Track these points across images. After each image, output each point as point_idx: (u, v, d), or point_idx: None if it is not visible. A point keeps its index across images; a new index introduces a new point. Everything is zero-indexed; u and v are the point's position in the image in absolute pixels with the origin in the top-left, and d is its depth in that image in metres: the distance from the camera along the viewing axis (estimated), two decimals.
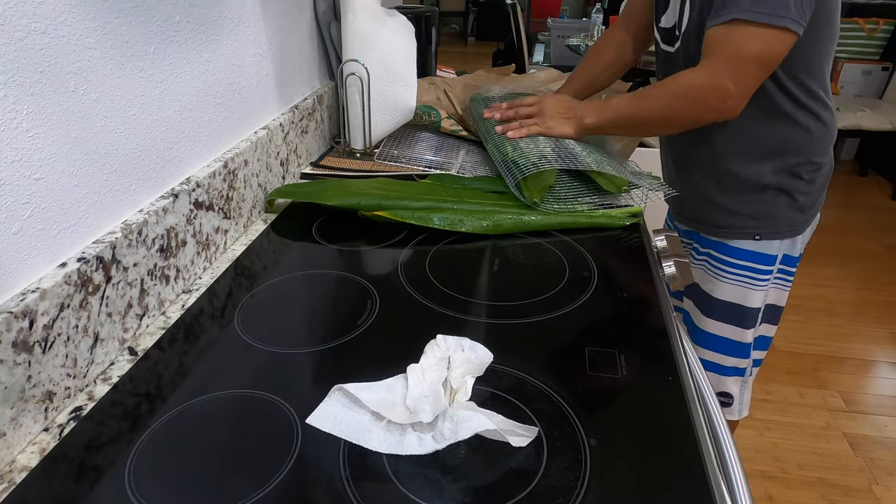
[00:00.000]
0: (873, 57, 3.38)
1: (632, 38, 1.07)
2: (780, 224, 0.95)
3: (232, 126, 0.81)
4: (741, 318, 1.00)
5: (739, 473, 0.50)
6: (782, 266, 0.98)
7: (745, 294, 0.98)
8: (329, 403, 0.51)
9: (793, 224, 0.95)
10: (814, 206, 0.96)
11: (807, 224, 0.97)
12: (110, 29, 0.56)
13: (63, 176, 0.52)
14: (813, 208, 0.96)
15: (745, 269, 0.97)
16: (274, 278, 0.71)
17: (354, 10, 0.96)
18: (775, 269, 0.98)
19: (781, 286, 1.01)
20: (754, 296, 0.98)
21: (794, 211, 0.94)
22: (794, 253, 0.97)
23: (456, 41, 7.16)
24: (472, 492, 0.44)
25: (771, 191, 0.93)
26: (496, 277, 0.72)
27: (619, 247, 0.80)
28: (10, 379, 0.45)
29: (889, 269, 2.48)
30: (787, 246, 0.96)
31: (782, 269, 0.99)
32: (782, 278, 1.00)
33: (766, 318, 1.03)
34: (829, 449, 1.60)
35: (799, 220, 0.95)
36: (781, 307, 1.04)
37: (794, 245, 0.97)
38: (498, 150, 0.95)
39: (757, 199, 0.93)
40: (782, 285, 1.01)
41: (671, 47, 0.94)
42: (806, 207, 0.94)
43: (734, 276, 0.98)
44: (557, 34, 3.13)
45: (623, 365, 0.57)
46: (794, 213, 0.94)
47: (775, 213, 0.94)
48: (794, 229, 0.95)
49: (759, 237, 0.95)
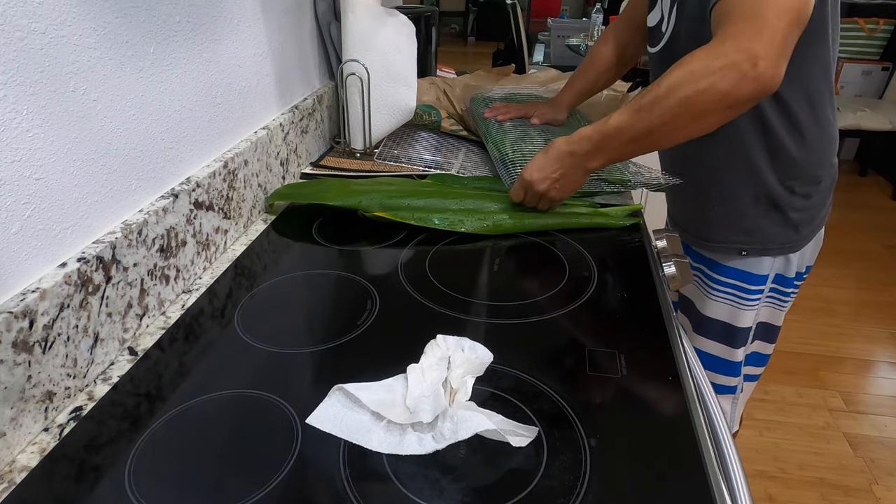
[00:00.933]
0: (873, 57, 3.38)
1: (632, 37, 1.03)
2: (770, 241, 0.87)
3: (232, 126, 0.81)
4: (731, 338, 0.96)
5: (739, 473, 0.50)
6: (775, 285, 0.92)
7: (735, 313, 0.93)
8: (329, 403, 0.51)
9: (784, 242, 0.88)
10: (811, 223, 0.88)
11: (802, 243, 0.89)
12: (110, 29, 0.56)
13: (63, 176, 0.52)
14: (810, 226, 0.88)
15: (733, 287, 0.92)
16: (274, 278, 0.71)
17: (354, 10, 0.96)
18: (766, 289, 0.92)
19: (776, 306, 0.95)
20: (744, 315, 0.93)
21: (786, 228, 0.86)
22: (788, 273, 0.91)
23: (456, 41, 7.15)
24: (472, 492, 0.44)
25: (761, 205, 0.86)
26: (496, 277, 0.72)
27: (619, 247, 0.80)
28: (10, 379, 0.45)
29: (889, 269, 2.48)
30: (779, 265, 0.89)
31: (776, 289, 0.93)
32: (776, 298, 0.94)
33: (760, 336, 0.99)
34: (829, 449, 1.60)
35: (792, 238, 0.88)
36: (777, 326, 0.99)
37: (789, 265, 0.90)
38: (497, 148, 0.95)
39: (745, 213, 0.87)
40: (777, 305, 0.95)
41: (654, 48, 0.88)
42: (801, 225, 0.87)
43: (723, 295, 0.93)
44: (557, 34, 3.13)
45: (623, 365, 0.57)
46: (785, 230, 0.87)
47: (764, 229, 0.87)
48: (786, 247, 0.88)
49: (746, 253, 0.88)
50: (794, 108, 0.79)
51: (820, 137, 0.82)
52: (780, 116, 0.79)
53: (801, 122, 0.80)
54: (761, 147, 0.82)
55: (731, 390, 1.02)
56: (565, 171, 0.78)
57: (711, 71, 0.62)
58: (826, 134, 0.83)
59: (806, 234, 0.89)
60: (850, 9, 3.37)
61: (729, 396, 1.03)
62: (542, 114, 1.05)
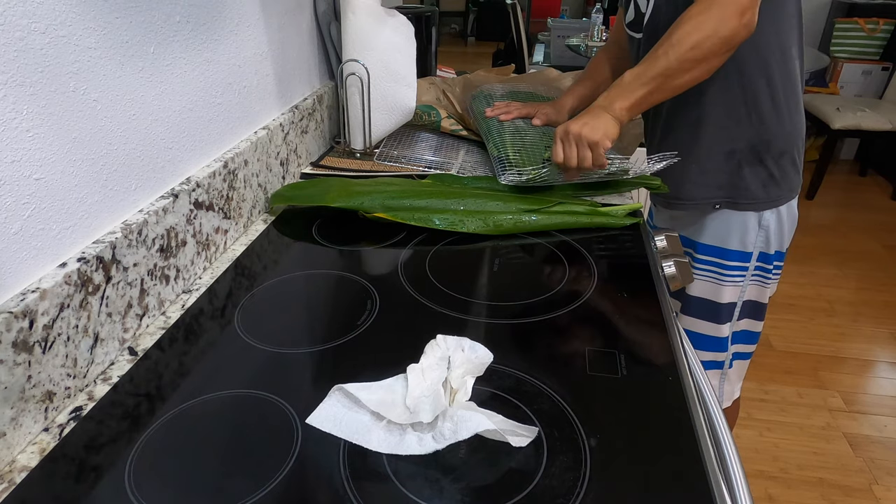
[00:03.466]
0: (873, 57, 3.38)
1: (622, 53, 1.07)
2: (740, 196, 0.94)
3: (232, 126, 0.81)
4: (715, 314, 1.01)
5: (739, 473, 0.50)
6: (760, 263, 0.98)
7: (716, 290, 0.99)
8: (329, 403, 0.51)
9: (753, 198, 0.94)
10: (781, 183, 0.94)
11: (771, 204, 0.94)
12: (110, 29, 0.56)
13: (63, 176, 0.52)
14: (780, 187, 0.94)
15: (711, 264, 0.98)
16: (274, 278, 0.72)
17: (354, 10, 0.96)
18: (752, 267, 0.97)
19: (761, 283, 1.00)
20: (725, 291, 0.99)
21: (758, 185, 0.93)
22: (769, 250, 0.97)
23: (456, 41, 7.15)
24: (472, 492, 0.44)
25: (734, 161, 0.92)
26: (496, 277, 0.72)
27: (619, 247, 0.80)
28: (10, 379, 0.45)
29: (889, 269, 2.48)
30: (761, 242, 0.96)
31: (761, 267, 0.98)
32: (760, 276, 0.99)
33: (747, 314, 1.04)
34: (829, 449, 1.60)
35: (760, 196, 0.93)
36: (764, 304, 1.03)
37: (769, 241, 0.96)
38: (498, 149, 0.95)
39: (720, 169, 0.93)
40: (761, 282, 1.00)
41: (639, 32, 0.95)
42: (769, 185, 0.93)
43: (702, 272, 0.99)
44: (557, 34, 3.13)
45: (623, 365, 0.57)
46: (757, 186, 0.93)
47: (736, 184, 0.93)
48: (755, 204, 0.94)
49: (719, 207, 0.95)
50: (769, 58, 0.86)
51: (792, 93, 0.89)
52: (758, 67, 0.86)
53: (774, 73, 0.87)
54: (741, 101, 0.89)
55: (718, 365, 1.06)
56: (593, 116, 0.85)
57: (713, 21, 0.76)
58: (796, 90, 0.90)
59: (776, 196, 0.94)
60: (850, 9, 3.38)
61: (717, 372, 1.07)
62: (544, 114, 1.06)
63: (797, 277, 2.39)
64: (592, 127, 0.82)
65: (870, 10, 3.34)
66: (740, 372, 1.11)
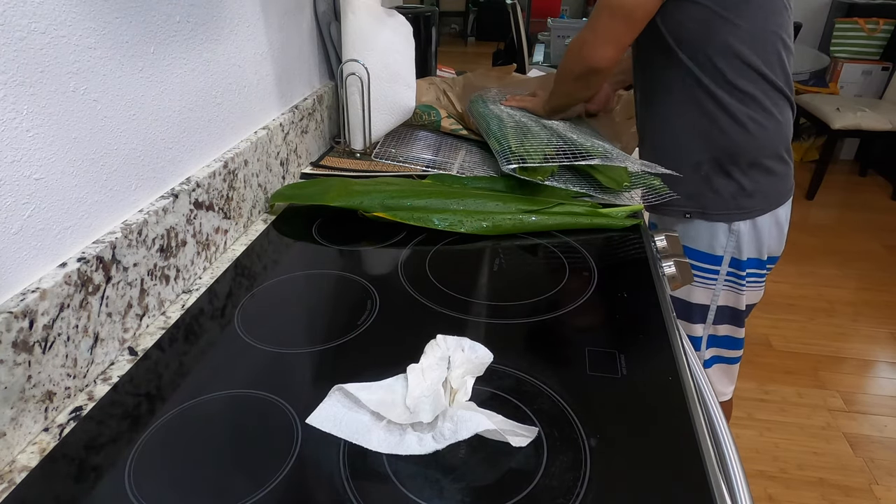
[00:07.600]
0: (873, 57, 3.38)
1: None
2: (710, 206, 0.95)
3: (232, 126, 0.81)
4: (686, 313, 1.05)
5: (739, 473, 0.50)
6: (732, 269, 0.98)
7: (686, 289, 1.02)
8: (329, 403, 0.51)
9: (723, 209, 0.95)
10: (753, 196, 0.94)
11: (743, 216, 0.94)
12: (110, 29, 0.56)
13: (63, 176, 0.52)
14: (752, 199, 0.94)
15: None
16: (274, 278, 0.71)
17: (354, 10, 0.96)
18: (723, 272, 0.99)
19: (735, 290, 1.01)
20: (696, 292, 1.02)
21: (726, 196, 0.93)
22: (740, 256, 0.97)
23: (456, 41, 7.15)
24: (472, 492, 0.44)
25: (702, 171, 0.94)
26: (496, 277, 0.72)
27: (619, 247, 0.80)
28: (10, 379, 0.45)
29: (889, 269, 2.48)
30: (731, 247, 0.97)
31: (733, 273, 0.99)
32: (733, 282, 1.00)
33: (725, 319, 1.04)
34: (829, 449, 1.60)
35: (730, 207, 0.94)
36: (741, 310, 1.03)
37: (740, 247, 0.96)
38: (498, 141, 0.95)
39: (689, 179, 0.94)
40: (735, 289, 1.01)
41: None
42: (740, 196, 0.93)
43: None
44: (557, 34, 3.13)
45: (623, 365, 0.57)
46: (725, 198, 0.94)
47: (704, 194, 0.95)
48: (725, 216, 0.95)
49: (690, 216, 0.98)
50: (715, 75, 0.88)
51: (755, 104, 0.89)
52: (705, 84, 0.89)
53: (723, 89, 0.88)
54: (698, 114, 0.92)
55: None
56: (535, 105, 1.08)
57: (568, 51, 0.93)
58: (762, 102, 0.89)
59: (748, 207, 0.94)
60: (850, 9, 3.38)
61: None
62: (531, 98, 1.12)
63: (797, 277, 2.39)
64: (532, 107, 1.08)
65: (870, 10, 3.34)
66: (729, 376, 1.12)
